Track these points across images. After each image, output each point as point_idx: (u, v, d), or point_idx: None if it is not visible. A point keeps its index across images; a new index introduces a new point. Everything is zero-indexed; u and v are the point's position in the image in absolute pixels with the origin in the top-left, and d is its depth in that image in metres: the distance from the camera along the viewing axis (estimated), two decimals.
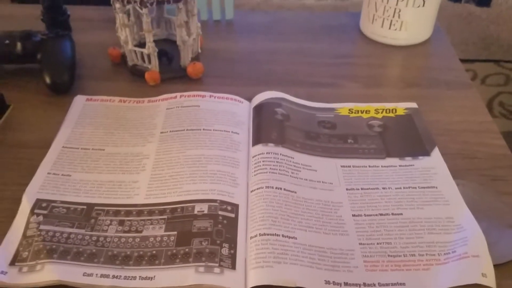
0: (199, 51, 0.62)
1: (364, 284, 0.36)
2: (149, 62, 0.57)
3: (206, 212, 0.41)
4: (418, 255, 0.38)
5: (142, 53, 0.57)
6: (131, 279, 0.36)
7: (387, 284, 0.36)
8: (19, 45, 0.57)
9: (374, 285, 0.36)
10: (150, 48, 0.56)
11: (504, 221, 0.41)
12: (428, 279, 0.36)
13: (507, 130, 1.41)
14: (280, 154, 0.46)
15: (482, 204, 0.42)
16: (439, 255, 0.38)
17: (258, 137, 0.48)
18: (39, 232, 0.39)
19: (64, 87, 0.56)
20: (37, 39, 0.57)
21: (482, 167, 0.46)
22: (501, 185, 0.44)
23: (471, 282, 0.35)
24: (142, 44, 0.59)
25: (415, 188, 0.44)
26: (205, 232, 0.39)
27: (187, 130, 0.50)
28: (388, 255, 0.38)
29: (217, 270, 0.37)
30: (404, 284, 0.36)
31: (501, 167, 0.46)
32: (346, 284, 0.36)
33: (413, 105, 0.54)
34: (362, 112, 0.53)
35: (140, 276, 0.37)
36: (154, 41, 0.56)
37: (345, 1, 1.19)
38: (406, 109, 0.53)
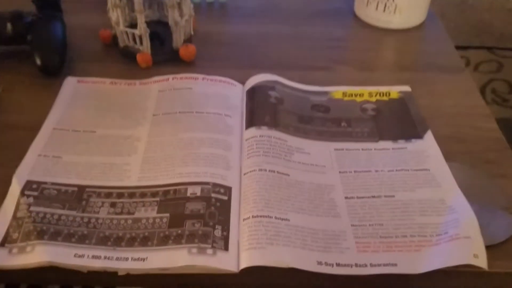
0: (192, 33, 0.61)
1: (356, 265, 0.36)
2: (141, 43, 0.57)
3: (198, 194, 0.41)
4: (409, 236, 0.38)
5: (133, 34, 0.56)
6: (123, 260, 0.36)
7: (378, 265, 0.36)
8: (9, 26, 0.56)
9: (366, 265, 0.36)
10: (142, 29, 0.55)
11: (495, 203, 0.41)
12: (420, 260, 0.36)
13: (500, 116, 1.41)
14: (273, 137, 0.46)
15: (474, 187, 0.42)
16: (430, 237, 0.38)
17: (251, 120, 0.48)
18: (29, 214, 0.39)
19: (55, 69, 0.55)
20: (28, 20, 0.56)
21: (474, 150, 0.47)
22: (493, 168, 0.44)
23: (462, 263, 0.36)
24: (133, 26, 0.58)
25: (408, 170, 0.44)
26: (197, 214, 0.39)
27: (179, 112, 0.50)
28: (380, 237, 0.38)
29: (209, 251, 0.37)
30: (395, 264, 0.36)
31: (493, 150, 0.47)
32: (338, 265, 0.36)
33: (407, 88, 0.54)
34: (355, 96, 0.53)
35: (132, 257, 0.36)
36: (146, 23, 0.55)
37: None
38: (399, 92, 0.53)
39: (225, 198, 0.41)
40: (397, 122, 0.49)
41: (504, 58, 1.30)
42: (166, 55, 0.58)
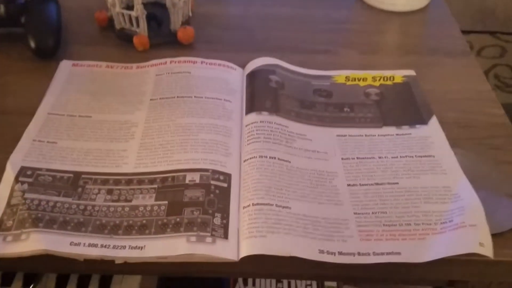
0: (190, 15, 0.59)
1: (359, 254, 0.35)
2: (138, 25, 0.55)
3: (197, 181, 0.40)
4: (414, 224, 0.37)
5: (130, 16, 0.55)
6: (120, 249, 0.35)
7: (382, 254, 0.35)
8: (2, 8, 0.54)
9: (369, 254, 0.35)
10: (139, 10, 0.54)
11: (501, 191, 0.40)
12: (424, 248, 0.36)
13: (503, 102, 1.40)
14: (274, 123, 0.45)
15: (479, 173, 0.41)
16: (435, 225, 0.37)
17: (252, 105, 0.47)
18: (24, 201, 0.38)
19: (50, 51, 0.54)
20: (21, 1, 0.55)
21: (480, 136, 0.45)
22: (499, 154, 0.43)
23: (468, 251, 0.35)
24: (130, 7, 0.56)
25: (412, 157, 0.43)
26: (196, 202, 0.38)
27: (177, 97, 0.48)
28: (383, 225, 0.37)
29: (209, 239, 0.36)
30: (399, 253, 0.35)
31: (499, 136, 0.45)
32: (340, 253, 0.35)
33: (411, 72, 0.52)
34: (359, 80, 0.51)
35: (130, 246, 0.36)
36: (143, 4, 0.54)
37: None
38: (404, 76, 0.52)
39: (225, 185, 0.40)
40: (401, 107, 0.48)
41: (507, 43, 1.28)
42: (163, 38, 0.57)
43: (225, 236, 0.36)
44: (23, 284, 0.56)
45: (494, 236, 0.36)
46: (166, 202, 0.38)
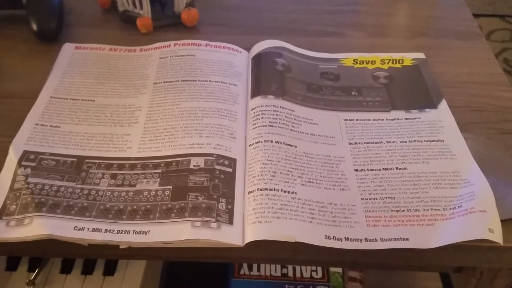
0: None
1: (366, 239, 0.35)
2: (141, 7, 0.54)
3: (202, 166, 0.39)
4: (422, 210, 0.37)
5: None
6: (124, 234, 0.35)
7: (389, 239, 0.35)
8: None
9: (376, 240, 0.35)
10: None
11: None
12: (433, 234, 0.35)
13: None
14: (280, 106, 0.44)
15: (490, 159, 0.40)
16: (444, 210, 0.36)
17: (257, 89, 0.46)
18: (27, 185, 0.38)
19: (52, 34, 0.53)
20: None
21: (491, 120, 0.45)
22: (510, 139, 0.43)
23: (477, 238, 0.34)
24: None
25: (421, 141, 0.42)
26: (201, 187, 0.38)
27: (181, 81, 0.48)
28: (391, 210, 0.37)
29: (214, 225, 0.35)
30: (407, 239, 0.35)
31: (510, 120, 0.45)
32: (347, 239, 0.35)
33: (421, 55, 0.51)
34: (367, 63, 0.50)
35: (134, 231, 0.35)
36: None
37: None
38: (413, 59, 0.50)
39: (230, 170, 0.39)
40: (410, 91, 0.47)
41: None
42: (167, 20, 0.56)
43: (230, 222, 0.36)
44: (28, 268, 0.56)
45: (504, 222, 0.35)
46: (171, 187, 0.38)
